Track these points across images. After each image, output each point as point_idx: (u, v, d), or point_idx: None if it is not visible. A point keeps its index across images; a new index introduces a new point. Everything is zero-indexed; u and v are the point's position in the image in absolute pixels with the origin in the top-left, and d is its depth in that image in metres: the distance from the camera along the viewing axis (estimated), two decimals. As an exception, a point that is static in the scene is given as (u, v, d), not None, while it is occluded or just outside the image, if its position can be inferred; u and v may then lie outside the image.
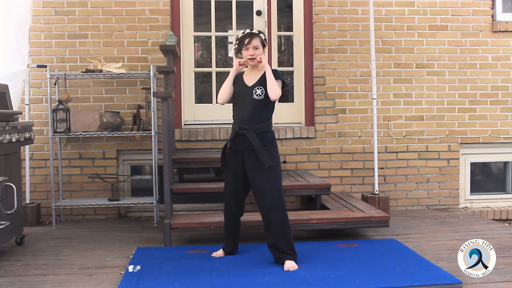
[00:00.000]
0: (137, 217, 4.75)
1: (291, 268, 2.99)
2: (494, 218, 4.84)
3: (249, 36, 3.09)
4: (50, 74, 4.32)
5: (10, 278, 2.99)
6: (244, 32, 3.13)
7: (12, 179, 3.42)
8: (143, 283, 2.80)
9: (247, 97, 3.10)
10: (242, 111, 3.13)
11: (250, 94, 3.09)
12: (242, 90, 3.14)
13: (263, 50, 3.12)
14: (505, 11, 5.07)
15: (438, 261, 3.21)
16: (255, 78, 3.14)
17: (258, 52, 3.09)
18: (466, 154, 5.07)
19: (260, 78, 3.12)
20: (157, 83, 4.54)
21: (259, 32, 3.13)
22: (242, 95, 3.13)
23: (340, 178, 4.90)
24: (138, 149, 4.72)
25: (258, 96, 3.08)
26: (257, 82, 3.11)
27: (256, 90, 3.08)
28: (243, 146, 3.10)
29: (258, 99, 3.08)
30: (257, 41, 3.09)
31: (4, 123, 3.34)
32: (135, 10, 4.69)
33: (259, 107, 3.10)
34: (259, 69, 3.16)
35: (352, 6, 4.87)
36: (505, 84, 5.01)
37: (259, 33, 3.13)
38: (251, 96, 3.09)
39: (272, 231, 3.06)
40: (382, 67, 4.87)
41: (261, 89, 3.08)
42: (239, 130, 3.09)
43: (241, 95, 3.15)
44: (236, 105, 3.19)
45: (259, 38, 3.10)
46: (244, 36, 3.10)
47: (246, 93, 3.11)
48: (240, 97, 3.15)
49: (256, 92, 3.08)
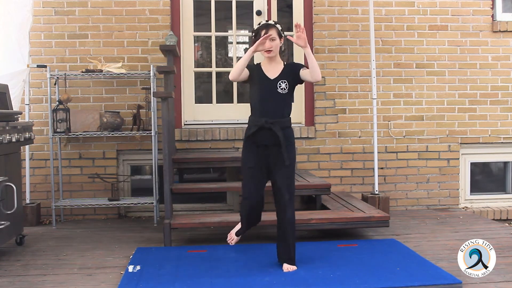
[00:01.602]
0: (137, 217, 4.75)
1: (290, 269, 2.99)
2: (494, 218, 4.84)
3: (265, 27, 3.00)
4: (50, 74, 4.32)
5: (10, 278, 3.00)
6: (260, 23, 3.06)
7: (12, 179, 3.42)
8: (143, 283, 2.80)
9: (270, 91, 3.01)
10: (265, 104, 3.02)
11: (273, 87, 3.01)
12: (263, 82, 3.03)
13: (280, 41, 3.04)
14: (505, 11, 5.07)
15: (438, 261, 3.21)
16: (276, 70, 3.05)
17: (275, 43, 3.00)
18: (466, 154, 5.07)
19: (282, 70, 3.04)
20: (157, 83, 4.54)
21: (275, 23, 3.04)
22: (264, 87, 3.03)
23: (340, 178, 4.90)
24: (138, 149, 4.72)
25: (282, 90, 3.01)
26: (280, 75, 3.03)
27: (281, 84, 3.01)
28: (267, 141, 3.01)
29: (283, 93, 3.01)
30: (274, 32, 3.00)
31: (4, 123, 3.34)
32: (135, 10, 4.69)
33: (283, 101, 3.03)
34: (277, 61, 3.07)
35: (352, 6, 4.87)
36: (505, 84, 5.01)
37: (275, 23, 3.04)
38: (275, 90, 3.00)
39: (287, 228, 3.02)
40: (382, 67, 4.87)
41: (285, 83, 3.01)
42: (265, 124, 2.99)
43: (263, 88, 3.04)
44: (257, 97, 3.06)
45: (275, 29, 3.01)
46: (260, 28, 3.01)
47: (269, 86, 3.02)
48: (261, 90, 3.04)
49: (281, 86, 3.01)
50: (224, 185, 4.43)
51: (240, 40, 5.73)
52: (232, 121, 4.91)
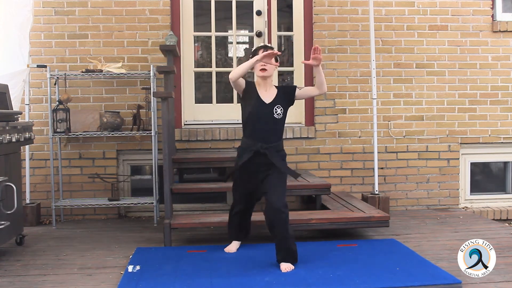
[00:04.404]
0: (137, 217, 4.75)
1: (288, 269, 2.99)
2: (494, 218, 4.84)
3: (264, 48, 3.15)
4: (50, 74, 4.32)
5: (10, 278, 3.00)
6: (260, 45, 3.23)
7: (12, 179, 3.42)
8: (142, 283, 2.80)
9: (266, 116, 3.12)
10: (261, 129, 3.13)
11: (269, 112, 3.11)
12: (259, 106, 3.12)
13: (275, 66, 3.17)
14: (505, 11, 5.08)
15: (438, 261, 3.21)
16: (270, 95, 3.15)
17: (270, 66, 3.13)
18: (466, 154, 5.07)
19: (277, 95, 3.15)
20: (157, 83, 4.54)
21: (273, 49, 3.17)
22: (260, 111, 3.12)
23: (340, 178, 4.90)
24: (138, 149, 4.72)
25: (278, 115, 3.12)
26: (275, 100, 3.14)
27: (277, 110, 3.12)
28: (261, 166, 3.12)
29: (278, 118, 3.13)
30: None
31: (4, 123, 3.34)
32: (135, 10, 4.69)
33: (278, 126, 3.16)
34: (269, 84, 3.18)
35: (352, 6, 4.87)
36: (505, 84, 5.01)
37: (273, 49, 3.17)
38: (271, 115, 3.11)
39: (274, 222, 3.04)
40: (382, 67, 4.87)
41: (280, 108, 3.13)
42: (260, 149, 3.09)
43: (258, 112, 3.12)
44: (252, 121, 3.15)
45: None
46: (259, 48, 3.17)
47: (265, 110, 3.11)
48: (257, 113, 3.13)
49: (277, 112, 3.12)
50: (224, 185, 4.41)
51: (240, 40, 5.73)
52: (232, 121, 4.91)
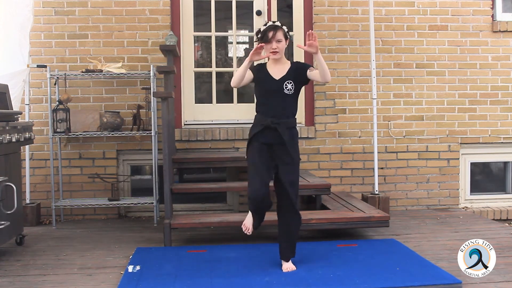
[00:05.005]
0: (137, 217, 4.75)
1: (289, 269, 3.00)
2: (494, 218, 4.84)
3: (273, 29, 2.99)
4: (50, 74, 4.32)
5: (10, 278, 3.00)
6: (266, 24, 3.05)
7: (12, 179, 3.42)
8: (142, 283, 2.80)
9: (276, 91, 3.03)
10: (271, 104, 3.04)
11: (279, 88, 3.03)
12: (269, 83, 3.05)
13: (285, 43, 3.05)
14: (505, 11, 5.07)
15: (438, 261, 3.21)
16: (281, 71, 3.05)
17: (280, 45, 3.01)
18: (466, 154, 5.07)
19: (288, 71, 3.05)
20: (157, 83, 4.54)
21: (282, 25, 3.05)
22: (270, 88, 3.05)
23: (340, 178, 4.90)
24: (138, 149, 4.72)
25: (289, 91, 3.03)
26: (285, 76, 3.04)
27: (287, 85, 3.02)
28: (273, 140, 3.02)
29: (289, 93, 3.03)
30: (281, 34, 3.00)
31: (4, 123, 3.34)
32: (135, 10, 4.69)
33: (289, 102, 3.05)
34: (282, 61, 3.08)
35: (352, 6, 4.87)
36: (505, 84, 5.01)
37: (282, 25, 3.04)
38: (281, 91, 3.03)
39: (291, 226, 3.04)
40: (382, 67, 4.87)
41: (291, 84, 3.03)
42: (271, 124, 3.00)
43: (268, 88, 3.06)
44: (264, 98, 3.08)
45: (282, 30, 3.02)
46: (268, 29, 3.01)
47: (275, 87, 3.03)
48: (267, 90, 3.06)
49: (287, 87, 3.02)
50: (224, 185, 4.43)
51: (240, 40, 5.73)
52: (232, 121, 4.91)
